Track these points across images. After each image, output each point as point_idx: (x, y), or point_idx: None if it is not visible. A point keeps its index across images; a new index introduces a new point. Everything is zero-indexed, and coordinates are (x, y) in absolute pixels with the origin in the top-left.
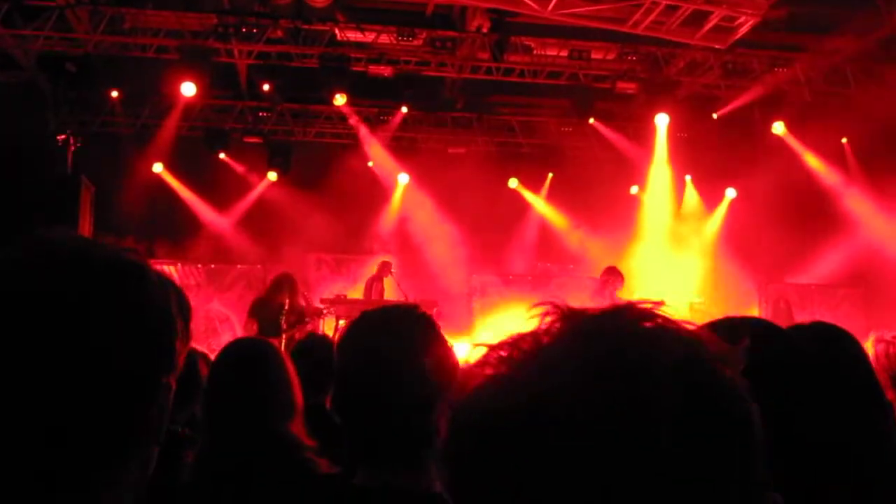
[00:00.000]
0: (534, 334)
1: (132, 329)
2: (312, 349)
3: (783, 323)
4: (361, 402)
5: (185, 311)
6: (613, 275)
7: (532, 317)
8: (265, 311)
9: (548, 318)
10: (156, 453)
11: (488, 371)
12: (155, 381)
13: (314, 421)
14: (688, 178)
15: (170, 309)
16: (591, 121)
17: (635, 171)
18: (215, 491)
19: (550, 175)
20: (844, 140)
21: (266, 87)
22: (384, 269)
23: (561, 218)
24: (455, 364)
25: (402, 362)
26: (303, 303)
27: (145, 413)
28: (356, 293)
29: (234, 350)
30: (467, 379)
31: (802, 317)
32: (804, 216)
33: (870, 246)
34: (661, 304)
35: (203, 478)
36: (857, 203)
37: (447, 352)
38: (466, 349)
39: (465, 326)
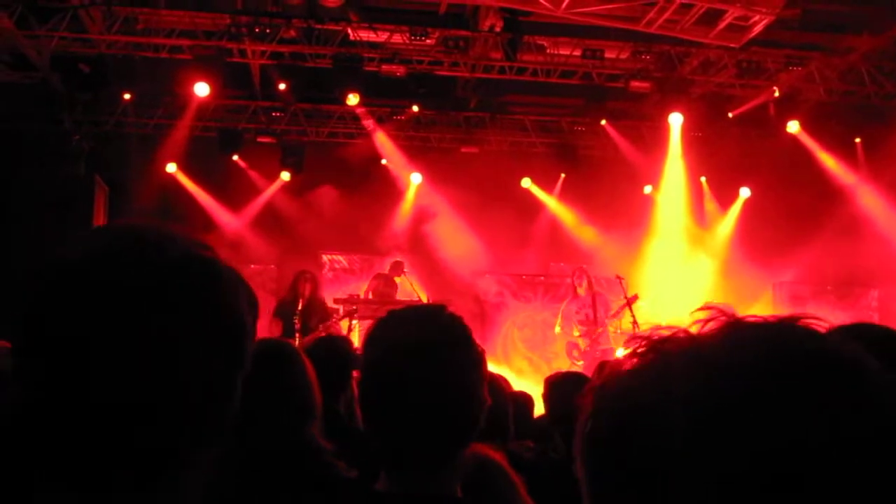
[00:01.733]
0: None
1: (207, 326)
2: (327, 351)
3: None
4: (393, 405)
5: (253, 307)
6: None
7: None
8: (286, 310)
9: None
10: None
11: (635, 360)
12: (229, 378)
13: (328, 424)
14: (703, 179)
15: (241, 305)
16: (603, 122)
17: (649, 170)
18: (235, 494)
19: (563, 176)
20: (858, 140)
21: (282, 86)
22: (396, 269)
23: (574, 217)
24: (486, 366)
25: (437, 364)
26: (323, 297)
27: (219, 411)
28: None
29: (255, 351)
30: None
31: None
32: (818, 215)
33: (884, 245)
34: (634, 298)
35: (222, 480)
36: (872, 202)
37: (480, 353)
38: None
39: (476, 326)
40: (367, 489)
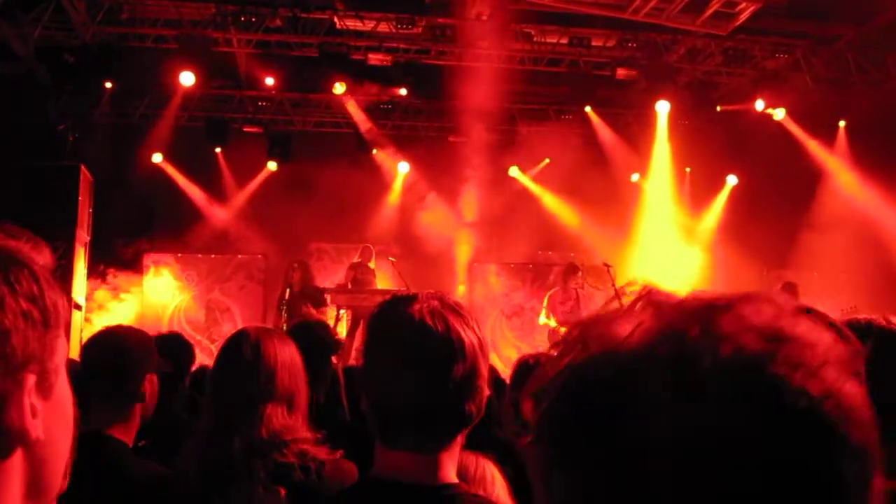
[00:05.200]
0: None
1: None
2: (303, 337)
3: None
4: (394, 395)
5: (25, 302)
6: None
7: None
8: (279, 301)
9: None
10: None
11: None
12: None
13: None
14: (688, 169)
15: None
16: (588, 109)
17: (636, 158)
18: (212, 480)
19: (547, 160)
20: (842, 124)
21: (270, 80)
22: (366, 254)
23: (561, 206)
24: (484, 356)
25: (443, 353)
26: (317, 285)
27: None
28: None
29: (237, 339)
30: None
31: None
32: (805, 203)
33: (871, 232)
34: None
35: (200, 467)
36: (858, 189)
37: (479, 336)
38: None
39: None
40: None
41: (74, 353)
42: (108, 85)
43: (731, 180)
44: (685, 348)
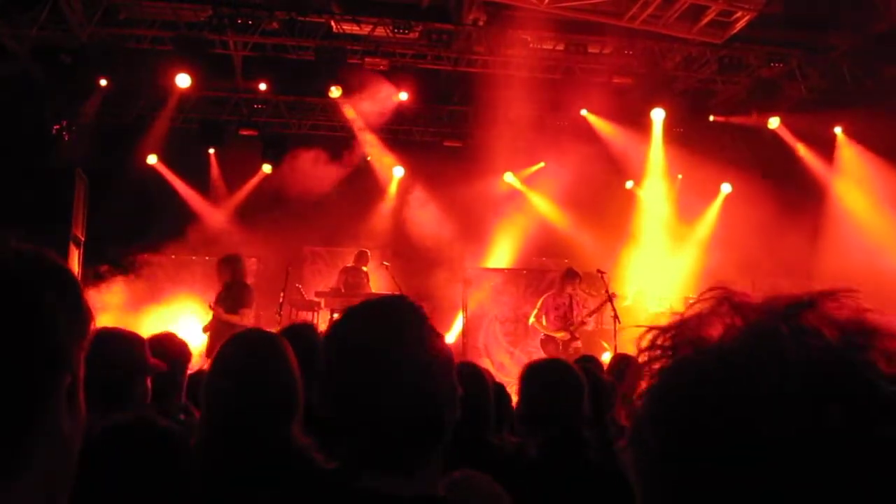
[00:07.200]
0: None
1: None
2: (296, 341)
3: None
4: (347, 411)
5: (70, 308)
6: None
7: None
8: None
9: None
10: (65, 461)
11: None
12: (19, 382)
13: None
14: (679, 176)
15: (45, 308)
16: (584, 112)
17: (631, 165)
18: (215, 485)
19: (542, 164)
20: (838, 132)
21: (263, 86)
22: (361, 259)
23: (556, 212)
24: (450, 356)
25: (385, 368)
26: (249, 282)
27: (21, 420)
28: None
29: (238, 342)
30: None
31: None
32: (799, 212)
33: (865, 241)
34: (613, 295)
35: (203, 471)
36: (852, 198)
37: (441, 343)
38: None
39: (458, 320)
40: (345, 485)
41: None
42: (104, 85)
43: (726, 188)
44: (777, 345)
